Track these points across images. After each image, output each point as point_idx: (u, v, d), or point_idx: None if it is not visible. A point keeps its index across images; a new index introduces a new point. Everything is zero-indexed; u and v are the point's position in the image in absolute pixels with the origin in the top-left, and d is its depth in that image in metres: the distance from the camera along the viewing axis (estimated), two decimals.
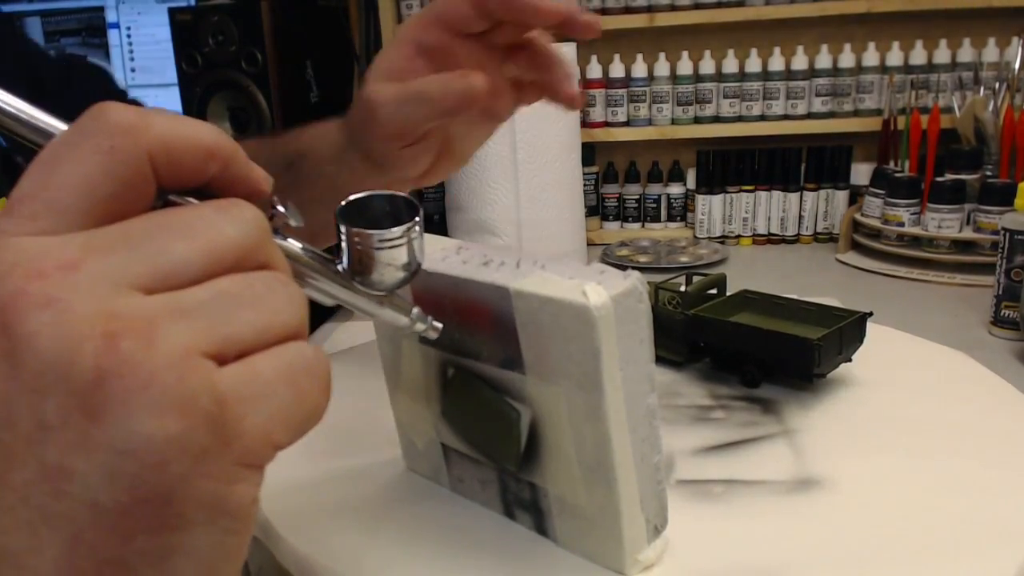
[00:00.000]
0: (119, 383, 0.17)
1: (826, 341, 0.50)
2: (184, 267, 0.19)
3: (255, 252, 0.21)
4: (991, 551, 0.36)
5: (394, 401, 0.43)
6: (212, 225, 0.20)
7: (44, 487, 0.18)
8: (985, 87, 1.07)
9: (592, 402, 0.31)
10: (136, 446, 0.17)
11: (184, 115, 0.22)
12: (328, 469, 0.45)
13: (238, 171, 0.22)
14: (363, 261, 0.26)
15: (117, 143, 0.20)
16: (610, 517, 0.33)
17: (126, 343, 0.17)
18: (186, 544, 0.19)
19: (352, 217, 0.26)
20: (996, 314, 0.72)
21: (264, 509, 0.41)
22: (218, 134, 0.22)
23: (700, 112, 1.21)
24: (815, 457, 0.44)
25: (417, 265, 0.27)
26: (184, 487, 0.18)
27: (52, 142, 0.20)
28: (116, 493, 0.18)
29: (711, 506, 0.40)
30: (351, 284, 0.27)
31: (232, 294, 0.20)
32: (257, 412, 0.19)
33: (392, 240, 0.26)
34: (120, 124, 0.20)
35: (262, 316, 0.20)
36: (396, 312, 0.29)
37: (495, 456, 0.38)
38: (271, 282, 0.21)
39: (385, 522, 0.40)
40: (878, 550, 0.36)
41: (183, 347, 0.18)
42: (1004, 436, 0.46)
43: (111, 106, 0.20)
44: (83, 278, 0.18)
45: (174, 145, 0.21)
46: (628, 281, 0.31)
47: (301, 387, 0.21)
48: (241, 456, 0.19)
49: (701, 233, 1.21)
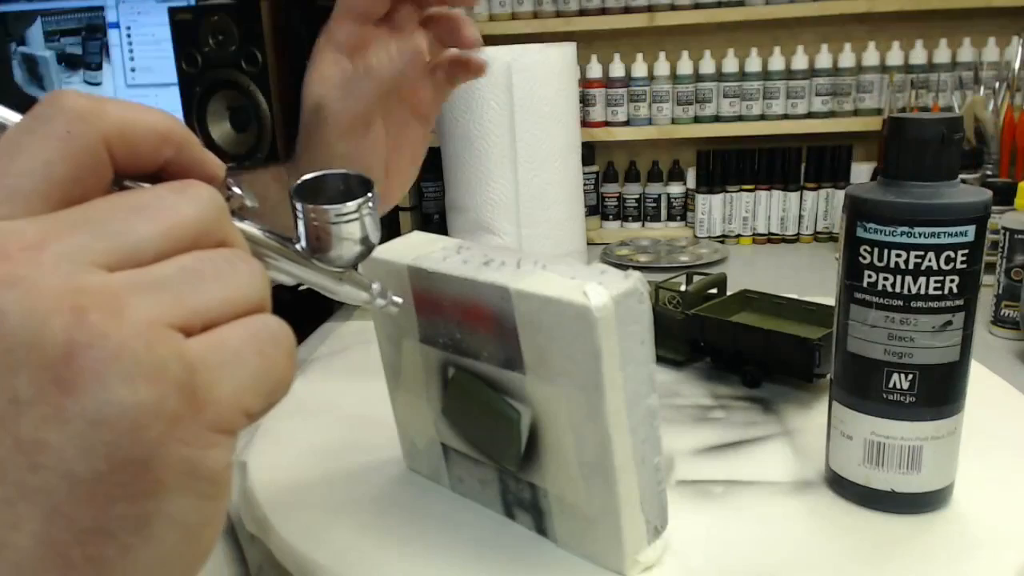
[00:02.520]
0: (89, 354, 0.18)
1: (826, 341, 0.50)
2: (145, 245, 0.20)
3: (213, 230, 0.21)
4: (991, 551, 0.36)
5: (394, 401, 0.43)
6: (170, 205, 0.21)
7: (20, 461, 0.18)
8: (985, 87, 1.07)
9: (592, 402, 0.31)
10: (109, 414, 0.18)
11: (142, 105, 0.22)
12: (328, 469, 0.45)
13: (192, 156, 0.23)
14: (320, 238, 0.27)
15: (74, 128, 0.20)
16: (610, 517, 0.33)
17: (94, 315, 0.18)
18: (164, 510, 0.19)
19: (307, 196, 0.27)
20: (996, 314, 0.72)
21: (264, 508, 0.41)
22: (171, 120, 0.22)
23: (700, 112, 1.21)
24: (815, 457, 0.44)
25: (373, 240, 0.28)
26: (159, 452, 0.18)
27: (9, 130, 0.21)
28: (92, 462, 0.18)
29: (711, 506, 0.40)
30: (310, 262, 0.27)
31: (194, 269, 0.20)
32: (227, 379, 0.20)
33: (347, 214, 0.27)
34: (76, 110, 0.20)
35: (225, 289, 0.21)
36: (355, 288, 0.30)
37: (495, 456, 0.38)
38: (231, 258, 0.21)
39: (385, 522, 0.40)
40: (878, 550, 0.36)
41: (150, 318, 0.19)
42: (1004, 436, 0.46)
43: (66, 93, 0.21)
44: (47, 257, 0.18)
45: (129, 130, 0.21)
46: (629, 281, 0.31)
47: (268, 356, 0.21)
48: (213, 422, 0.20)
49: (701, 233, 1.21)
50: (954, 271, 0.35)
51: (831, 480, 0.41)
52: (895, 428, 0.37)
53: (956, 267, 0.35)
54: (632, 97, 1.22)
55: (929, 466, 0.38)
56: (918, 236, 0.35)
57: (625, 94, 1.22)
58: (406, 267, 0.36)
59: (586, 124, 1.22)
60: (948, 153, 0.36)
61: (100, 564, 0.19)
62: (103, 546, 0.18)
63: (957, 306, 0.36)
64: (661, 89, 1.22)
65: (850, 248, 0.37)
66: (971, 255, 0.35)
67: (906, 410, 0.37)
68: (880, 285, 0.36)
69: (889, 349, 0.37)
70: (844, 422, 0.39)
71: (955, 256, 0.35)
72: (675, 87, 1.22)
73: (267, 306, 0.22)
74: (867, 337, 0.37)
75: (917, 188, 0.36)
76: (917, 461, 0.38)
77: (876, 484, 0.39)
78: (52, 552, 0.18)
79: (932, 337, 0.36)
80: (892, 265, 0.36)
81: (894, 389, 0.37)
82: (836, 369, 0.40)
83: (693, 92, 1.22)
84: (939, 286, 0.35)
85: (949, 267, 0.35)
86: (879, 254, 0.36)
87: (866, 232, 0.36)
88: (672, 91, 1.22)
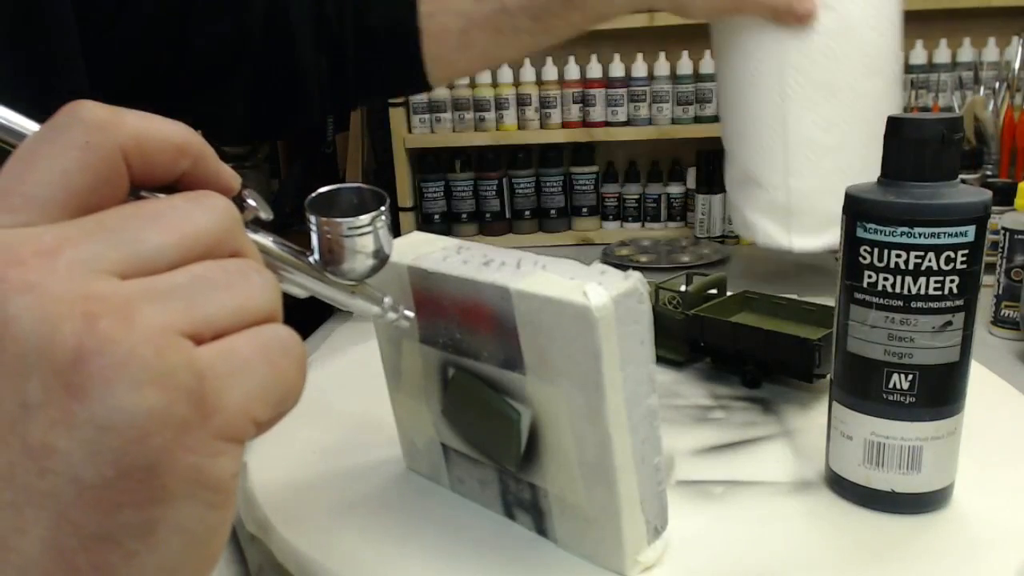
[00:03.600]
0: (99, 360, 0.18)
1: (826, 341, 0.50)
2: (158, 254, 0.20)
3: (227, 240, 0.21)
4: (991, 551, 0.36)
5: (394, 401, 0.43)
6: (185, 214, 0.21)
7: (28, 466, 0.18)
8: (985, 87, 1.07)
9: (592, 403, 0.31)
10: (117, 420, 0.18)
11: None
12: (328, 469, 0.45)
13: (208, 168, 0.23)
14: (333, 250, 0.27)
15: (92, 138, 0.20)
16: (610, 518, 0.33)
17: (104, 322, 0.18)
18: (170, 517, 0.19)
19: (321, 209, 0.27)
20: (996, 314, 0.72)
21: (264, 508, 0.41)
22: (188, 132, 0.22)
23: (700, 112, 1.21)
24: (815, 457, 0.44)
25: (386, 254, 0.28)
26: (166, 460, 0.18)
27: (28, 138, 0.21)
28: (99, 468, 0.18)
29: (711, 507, 0.40)
30: (323, 275, 0.27)
31: (207, 278, 0.20)
32: (236, 387, 0.20)
33: (360, 228, 0.27)
34: (94, 120, 0.21)
35: (237, 299, 0.21)
36: (367, 301, 0.30)
37: (495, 456, 0.38)
38: (244, 268, 0.21)
39: (385, 522, 0.40)
40: (878, 550, 0.36)
41: (160, 326, 0.19)
42: (1004, 436, 0.46)
43: (85, 104, 0.21)
44: (61, 264, 0.18)
45: (146, 141, 0.21)
46: (629, 282, 0.31)
47: (278, 365, 0.21)
48: (221, 430, 0.20)
49: (701, 233, 1.21)
50: (954, 271, 0.35)
51: (831, 480, 0.41)
52: (895, 428, 0.37)
53: (956, 267, 0.35)
54: (632, 97, 1.22)
55: (929, 466, 0.38)
56: (918, 236, 0.35)
57: (625, 94, 1.22)
58: (406, 267, 0.36)
59: (586, 124, 1.22)
60: (948, 153, 0.36)
61: (105, 570, 0.19)
62: (109, 553, 0.18)
63: (957, 306, 0.36)
64: (661, 89, 1.22)
65: (850, 248, 0.37)
66: (971, 255, 0.35)
67: (906, 410, 0.37)
68: (880, 285, 0.36)
69: (889, 349, 0.37)
70: (844, 422, 0.39)
71: (955, 256, 0.35)
72: (675, 87, 1.22)
73: (278, 316, 0.22)
74: (867, 337, 0.37)
75: (917, 188, 0.36)
76: (917, 461, 0.38)
77: (876, 484, 0.39)
78: (58, 558, 0.18)
79: (932, 337, 0.36)
80: (892, 265, 0.36)
81: (894, 389, 0.37)
82: (836, 369, 0.40)
83: (693, 92, 1.21)
84: (939, 286, 0.35)
85: (949, 267, 0.35)
86: (879, 254, 0.36)
87: (866, 232, 0.36)
88: (672, 91, 1.22)
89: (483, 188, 1.22)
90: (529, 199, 1.24)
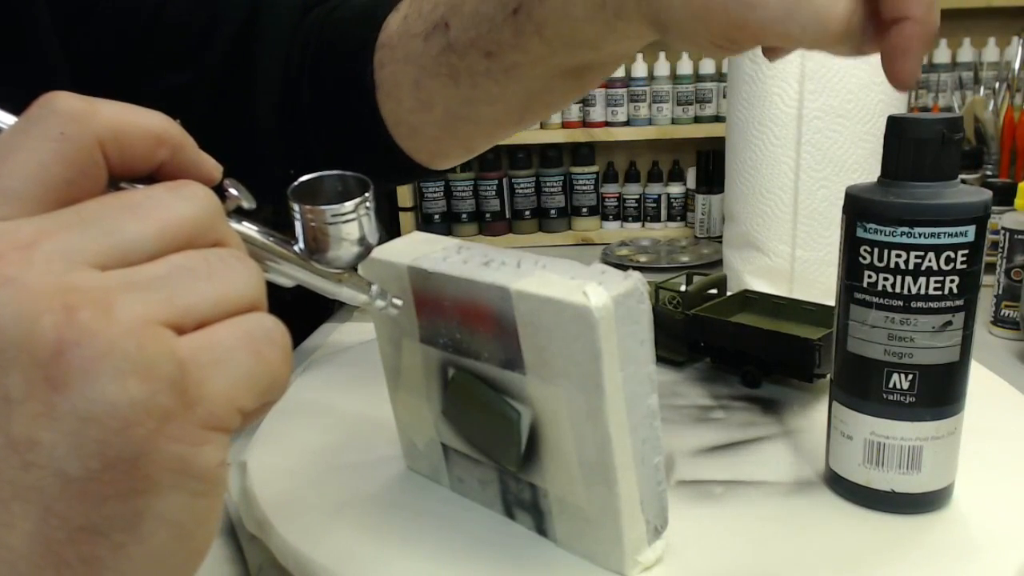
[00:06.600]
0: (79, 352, 0.18)
1: (826, 341, 0.50)
2: (138, 244, 0.20)
3: (208, 230, 0.21)
4: (991, 551, 0.36)
5: (394, 401, 0.43)
6: (164, 204, 0.21)
7: (12, 460, 0.18)
8: (985, 87, 1.07)
9: (593, 403, 0.31)
10: (100, 411, 0.18)
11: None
12: (328, 468, 0.45)
13: (187, 158, 0.23)
14: (318, 239, 0.27)
15: (68, 130, 0.20)
16: (610, 518, 0.33)
17: (84, 314, 0.18)
18: (156, 507, 0.19)
19: (304, 197, 0.27)
20: (996, 314, 0.72)
21: (264, 508, 0.41)
22: (167, 121, 0.22)
23: (700, 112, 1.21)
24: (815, 457, 0.44)
25: (371, 241, 0.28)
26: (150, 449, 0.18)
27: (4, 132, 0.21)
28: (83, 460, 0.18)
29: (711, 507, 0.40)
30: (309, 263, 0.27)
31: (187, 268, 0.20)
32: (219, 376, 0.20)
33: (345, 214, 0.27)
34: (69, 111, 0.20)
35: (218, 288, 0.21)
36: (355, 289, 0.30)
37: (495, 456, 0.38)
38: (225, 257, 0.21)
39: (385, 522, 0.40)
40: (878, 550, 0.36)
41: (141, 316, 0.19)
42: (1004, 436, 0.46)
43: (59, 95, 0.21)
44: (39, 257, 0.18)
45: (123, 131, 0.21)
46: (629, 282, 0.31)
47: (262, 354, 0.21)
48: (205, 419, 0.19)
49: (701, 233, 1.21)
50: (954, 271, 0.35)
51: (831, 480, 0.41)
52: (895, 428, 0.37)
53: (956, 267, 0.35)
54: (632, 97, 1.22)
55: (929, 466, 0.38)
56: (918, 236, 0.35)
57: (625, 94, 1.22)
58: (406, 267, 0.36)
59: (586, 124, 1.22)
60: (948, 153, 0.36)
61: (93, 563, 0.19)
62: (96, 545, 0.19)
63: (957, 306, 0.36)
64: (661, 89, 1.22)
65: (850, 248, 0.37)
66: (971, 255, 0.35)
67: (906, 410, 0.37)
68: (880, 285, 0.36)
69: (889, 349, 0.37)
70: (844, 422, 0.39)
71: (955, 256, 0.35)
72: (675, 87, 1.22)
73: (262, 305, 0.22)
74: (867, 337, 0.37)
75: (917, 188, 0.36)
76: (917, 461, 0.38)
77: (876, 484, 0.39)
78: (46, 551, 0.18)
79: (932, 337, 0.36)
80: (892, 265, 0.36)
81: (894, 389, 0.37)
82: (836, 369, 0.40)
83: (693, 92, 1.22)
84: (939, 286, 0.35)
85: (949, 267, 0.35)
86: (879, 254, 0.36)
87: (866, 232, 0.36)
88: (672, 91, 1.22)
89: (483, 188, 1.22)
90: (529, 199, 1.24)
